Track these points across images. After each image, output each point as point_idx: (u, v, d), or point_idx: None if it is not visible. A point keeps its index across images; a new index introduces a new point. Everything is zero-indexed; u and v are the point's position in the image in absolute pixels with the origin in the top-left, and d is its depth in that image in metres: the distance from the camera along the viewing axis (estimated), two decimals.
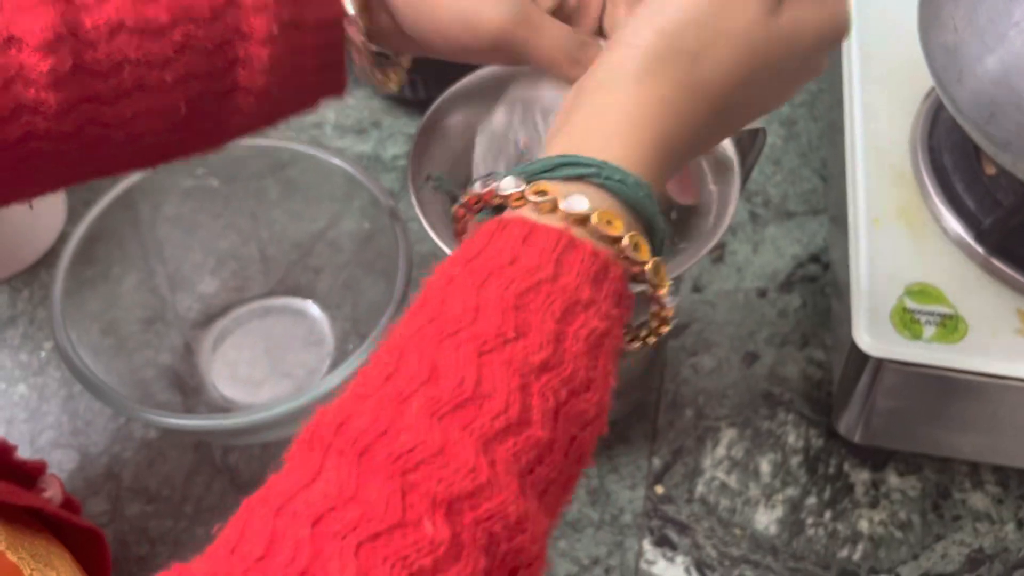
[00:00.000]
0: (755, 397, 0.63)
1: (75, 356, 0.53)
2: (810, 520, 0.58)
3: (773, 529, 0.58)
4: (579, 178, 0.35)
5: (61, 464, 0.61)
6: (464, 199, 0.38)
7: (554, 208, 0.34)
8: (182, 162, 0.56)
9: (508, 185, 0.35)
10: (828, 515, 0.59)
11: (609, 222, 0.34)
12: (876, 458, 0.61)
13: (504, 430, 0.30)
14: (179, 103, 0.42)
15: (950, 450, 0.59)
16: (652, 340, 0.40)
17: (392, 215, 0.57)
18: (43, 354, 0.66)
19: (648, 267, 0.35)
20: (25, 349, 0.66)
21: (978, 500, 0.59)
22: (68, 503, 0.50)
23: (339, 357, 0.63)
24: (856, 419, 0.57)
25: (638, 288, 0.36)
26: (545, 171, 0.35)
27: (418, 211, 0.47)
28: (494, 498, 0.29)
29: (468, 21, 0.42)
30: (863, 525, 0.58)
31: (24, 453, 0.61)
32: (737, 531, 0.58)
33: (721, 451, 0.61)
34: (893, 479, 0.60)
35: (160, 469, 0.61)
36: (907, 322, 0.53)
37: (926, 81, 0.62)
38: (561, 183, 0.35)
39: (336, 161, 0.60)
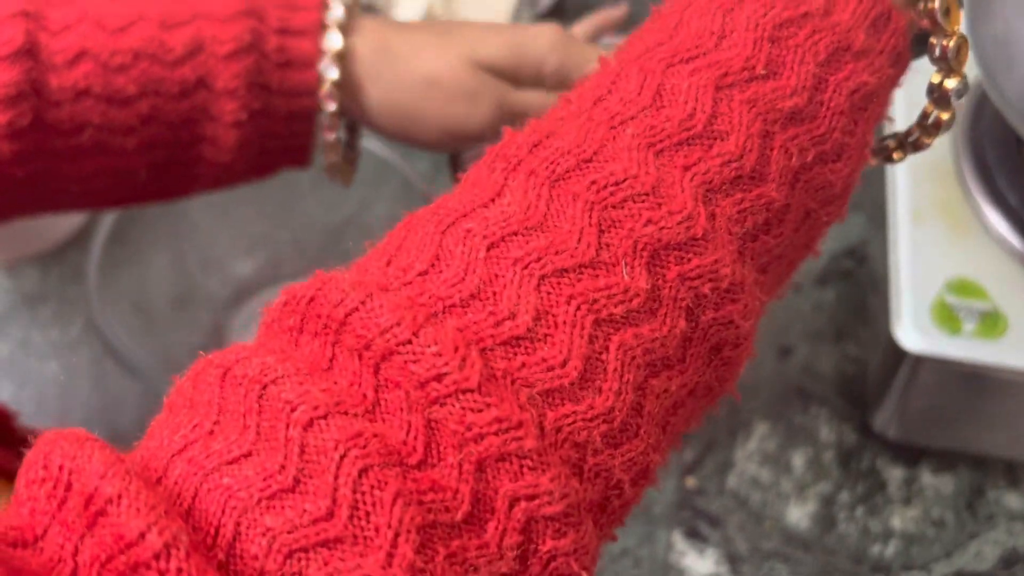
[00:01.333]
0: (788, 391, 0.63)
1: (109, 332, 0.53)
2: (842, 515, 0.58)
3: (805, 523, 0.58)
4: None
5: None
6: None
7: None
8: None
9: None
10: (860, 511, 0.58)
11: None
12: (910, 455, 0.60)
13: (733, 180, 0.25)
14: (139, 167, 0.41)
15: (985, 448, 0.58)
16: (904, 154, 0.32)
17: (427, 200, 0.57)
18: (74, 332, 0.66)
19: (951, 42, 0.28)
20: (56, 327, 0.66)
21: (1013, 499, 0.58)
22: None
23: None
24: (891, 415, 0.57)
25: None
26: None
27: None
28: (707, 255, 0.24)
29: (454, 133, 0.43)
30: (896, 522, 0.58)
31: None
32: (768, 524, 0.58)
33: (753, 444, 0.60)
34: (927, 476, 0.59)
35: None
36: (947, 317, 0.53)
37: (971, 73, 0.61)
38: None
39: (368, 144, 0.60)
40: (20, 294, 0.67)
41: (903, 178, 0.58)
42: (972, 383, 0.53)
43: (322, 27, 0.41)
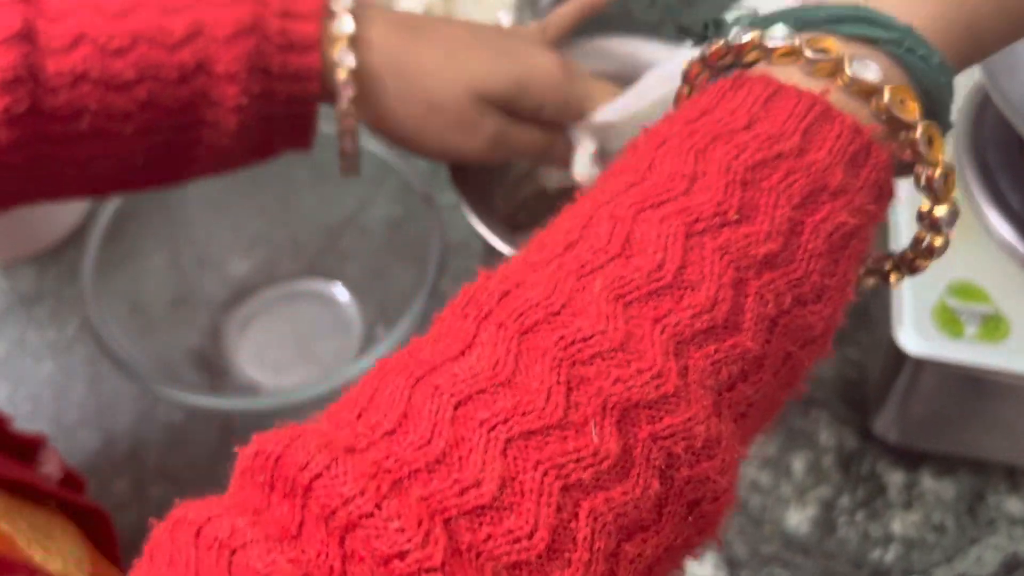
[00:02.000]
0: None
1: (105, 333, 0.53)
2: (842, 520, 0.57)
3: (804, 528, 0.57)
4: (870, 41, 0.27)
5: (85, 443, 0.61)
6: (707, 51, 0.30)
7: (835, 72, 0.27)
8: None
9: (778, 34, 0.28)
10: (861, 515, 0.58)
11: (903, 101, 0.27)
12: (910, 459, 0.59)
13: (706, 332, 0.24)
14: (137, 152, 0.41)
15: (987, 453, 0.58)
16: (901, 277, 0.32)
17: (426, 200, 0.56)
18: (70, 332, 0.65)
19: (937, 172, 0.28)
20: (52, 327, 0.65)
21: (1014, 505, 0.58)
22: (70, 478, 0.49)
23: (366, 343, 0.62)
24: (892, 419, 0.56)
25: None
26: (828, 22, 0.28)
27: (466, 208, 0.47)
28: (679, 412, 0.24)
29: (449, 155, 0.45)
30: (896, 526, 0.57)
31: (49, 431, 0.61)
32: (768, 529, 0.57)
33: (753, 448, 0.60)
34: (927, 481, 0.59)
35: (184, 451, 0.60)
36: (948, 321, 0.52)
37: (971, 76, 0.61)
38: (843, 41, 0.28)
39: (367, 145, 0.60)
40: (16, 294, 0.67)
41: (904, 179, 0.58)
42: (974, 387, 0.53)
43: (326, 11, 0.41)
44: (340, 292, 0.65)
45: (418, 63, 0.42)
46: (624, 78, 0.49)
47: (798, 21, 0.28)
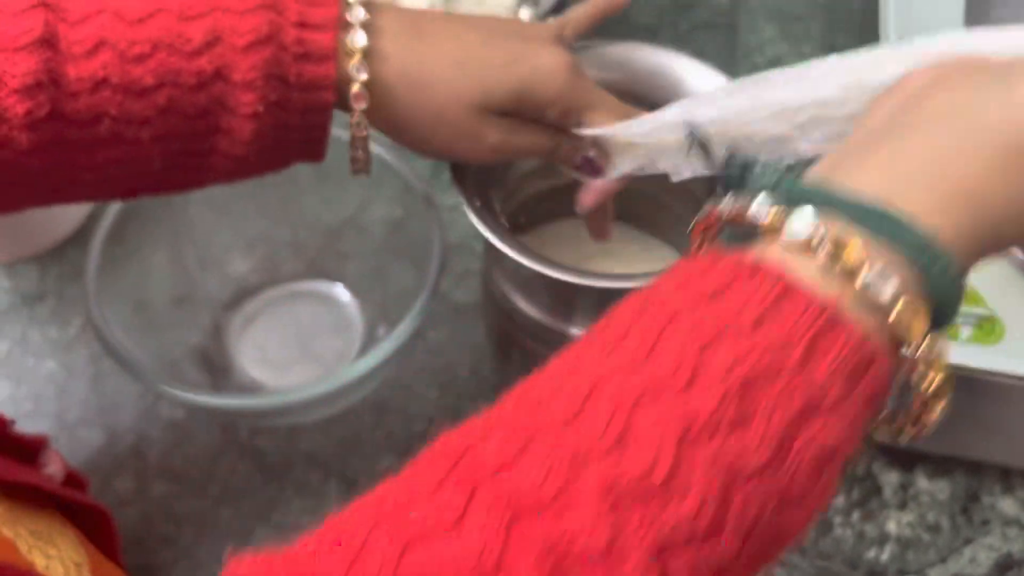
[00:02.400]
0: None
1: (107, 331, 0.53)
2: (838, 520, 0.58)
3: None
4: (893, 241, 0.27)
5: (88, 442, 0.61)
6: (726, 211, 0.30)
7: (850, 279, 0.27)
8: None
9: (800, 225, 0.27)
10: (856, 515, 0.58)
11: (910, 326, 0.27)
12: (905, 460, 0.60)
13: (687, 540, 0.25)
14: (154, 158, 0.41)
15: (981, 454, 0.58)
16: (884, 438, 0.32)
17: (426, 201, 0.57)
18: (72, 331, 0.66)
19: (932, 386, 0.28)
20: (55, 325, 0.66)
21: (1008, 505, 0.59)
22: (72, 479, 0.49)
23: (368, 343, 0.63)
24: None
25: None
26: (855, 212, 0.27)
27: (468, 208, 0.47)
28: None
29: (454, 159, 0.48)
30: (891, 527, 0.58)
31: (52, 430, 0.61)
32: None
33: None
34: (922, 481, 0.59)
35: (186, 450, 0.61)
36: None
37: None
38: (865, 239, 0.27)
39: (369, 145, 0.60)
40: (18, 292, 0.67)
41: None
42: (969, 389, 0.53)
43: (341, 22, 0.41)
44: (341, 292, 0.66)
45: (429, 72, 0.43)
46: (620, 85, 0.50)
47: (824, 198, 0.28)
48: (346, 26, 0.42)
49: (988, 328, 0.53)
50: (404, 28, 0.44)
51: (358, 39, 0.42)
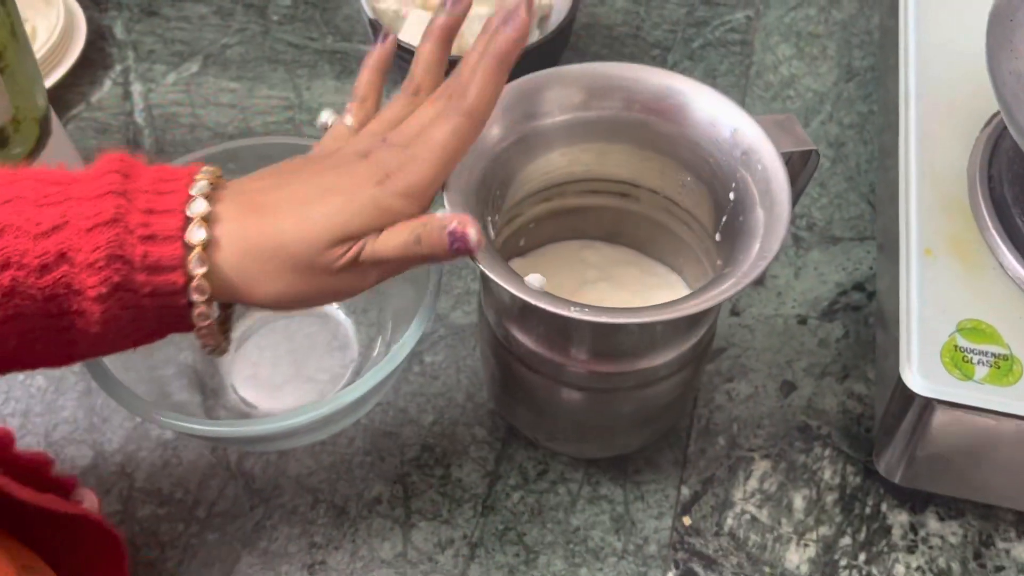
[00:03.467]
0: (791, 429, 0.61)
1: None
2: (844, 562, 0.56)
3: (804, 569, 0.55)
4: None
5: (74, 460, 0.60)
6: None
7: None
8: (210, 157, 0.55)
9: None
10: (863, 557, 0.56)
11: None
12: (916, 500, 0.58)
13: None
14: (9, 337, 0.41)
15: (995, 497, 0.56)
16: None
17: None
18: None
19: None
20: None
21: (1023, 551, 0.56)
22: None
23: (363, 363, 0.61)
24: (898, 459, 0.55)
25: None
26: None
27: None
28: None
29: (343, 298, 0.45)
30: (899, 570, 0.55)
31: (38, 446, 0.60)
32: (767, 569, 0.56)
33: (753, 483, 0.58)
34: (933, 523, 0.57)
35: (174, 471, 0.59)
36: (958, 361, 0.51)
37: (987, 108, 0.59)
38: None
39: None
40: None
41: (915, 212, 0.56)
42: (984, 430, 0.51)
43: (188, 208, 0.41)
44: (336, 312, 0.64)
45: (275, 239, 0.42)
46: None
47: None
48: (188, 219, 0.41)
49: (1006, 368, 0.50)
50: (240, 206, 0.43)
51: (195, 235, 0.41)
